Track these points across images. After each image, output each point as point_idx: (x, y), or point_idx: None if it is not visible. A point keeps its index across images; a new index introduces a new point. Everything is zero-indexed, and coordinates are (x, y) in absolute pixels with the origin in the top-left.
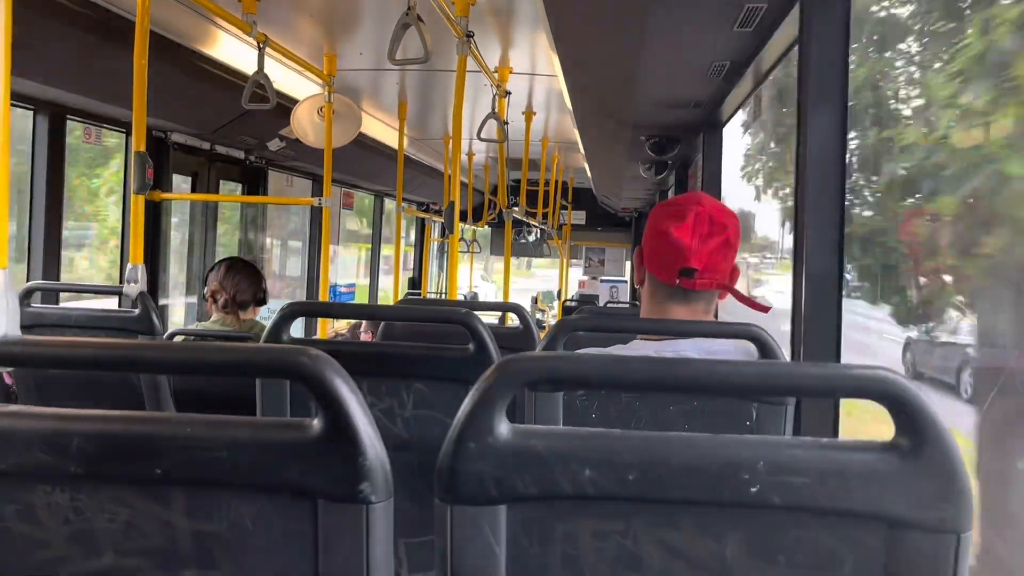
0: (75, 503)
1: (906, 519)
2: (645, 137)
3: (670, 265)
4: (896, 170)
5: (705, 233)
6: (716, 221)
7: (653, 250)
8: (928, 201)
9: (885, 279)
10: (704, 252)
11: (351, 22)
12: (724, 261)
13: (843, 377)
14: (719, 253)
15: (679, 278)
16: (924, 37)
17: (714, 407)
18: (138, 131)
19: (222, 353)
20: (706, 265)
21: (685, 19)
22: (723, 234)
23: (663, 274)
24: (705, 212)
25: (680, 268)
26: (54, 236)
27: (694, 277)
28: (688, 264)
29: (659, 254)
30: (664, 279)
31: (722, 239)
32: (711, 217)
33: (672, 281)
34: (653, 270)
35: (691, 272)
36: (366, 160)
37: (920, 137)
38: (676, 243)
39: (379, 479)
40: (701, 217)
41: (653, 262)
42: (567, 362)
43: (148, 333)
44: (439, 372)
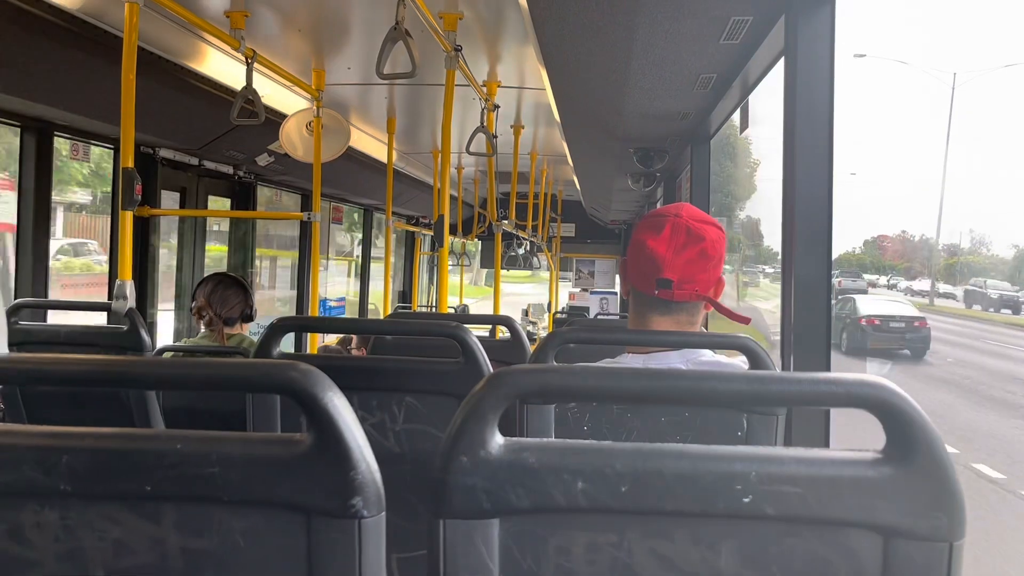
0: (65, 521)
1: (899, 528)
2: (633, 149)
3: (647, 276)
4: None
5: (681, 244)
6: (693, 232)
7: (632, 261)
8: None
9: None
10: (679, 263)
11: (339, 37)
12: (702, 272)
13: (833, 387)
14: (696, 264)
15: (657, 289)
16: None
17: (705, 418)
18: (126, 147)
19: (212, 369)
20: (682, 276)
21: (672, 32)
22: (699, 244)
23: (642, 285)
24: (682, 223)
25: (656, 279)
26: (42, 252)
27: (671, 288)
28: (662, 275)
29: (637, 265)
30: (643, 290)
31: (698, 249)
32: (688, 228)
33: (650, 292)
34: (633, 281)
35: (667, 283)
36: (355, 174)
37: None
38: (651, 254)
39: (371, 493)
40: (678, 228)
41: (633, 273)
42: (558, 375)
43: (137, 349)
44: (430, 385)
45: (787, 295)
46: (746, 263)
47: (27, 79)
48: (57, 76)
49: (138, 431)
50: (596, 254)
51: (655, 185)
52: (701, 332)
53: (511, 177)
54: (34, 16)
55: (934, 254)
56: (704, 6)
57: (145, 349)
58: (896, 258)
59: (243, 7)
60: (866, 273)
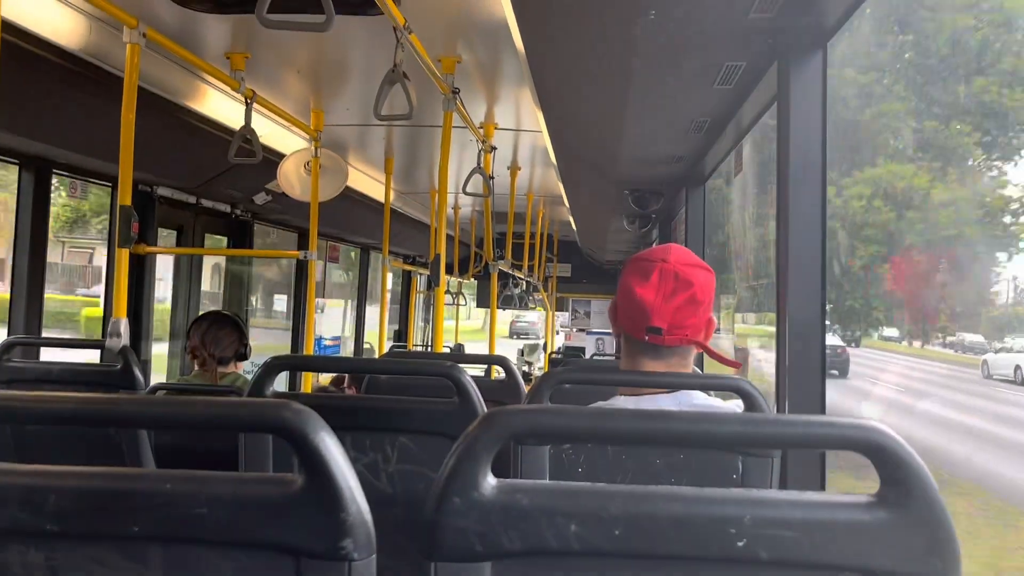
0: (50, 562)
1: (894, 573)
2: (628, 191)
3: (636, 322)
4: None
5: (669, 291)
6: (681, 278)
7: (622, 306)
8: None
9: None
10: (668, 311)
11: (338, 78)
12: (692, 316)
13: (828, 429)
14: (685, 309)
15: (647, 335)
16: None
17: (700, 459)
18: (124, 185)
19: (204, 408)
20: (671, 323)
21: (666, 78)
22: (688, 291)
23: (632, 330)
24: (670, 269)
25: (645, 327)
26: (36, 290)
27: (661, 334)
28: (651, 323)
29: (626, 311)
30: (633, 335)
31: (687, 296)
32: (676, 274)
33: (641, 337)
34: (623, 325)
35: (657, 330)
36: (352, 213)
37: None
38: (640, 301)
39: (362, 535)
40: (666, 275)
41: (623, 318)
42: (552, 415)
43: (130, 388)
44: (424, 426)
45: (781, 337)
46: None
47: (26, 117)
48: (57, 114)
49: (127, 470)
50: (592, 294)
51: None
52: (696, 373)
53: (508, 217)
54: (35, 55)
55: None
56: (698, 52)
57: (138, 387)
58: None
59: (244, 49)
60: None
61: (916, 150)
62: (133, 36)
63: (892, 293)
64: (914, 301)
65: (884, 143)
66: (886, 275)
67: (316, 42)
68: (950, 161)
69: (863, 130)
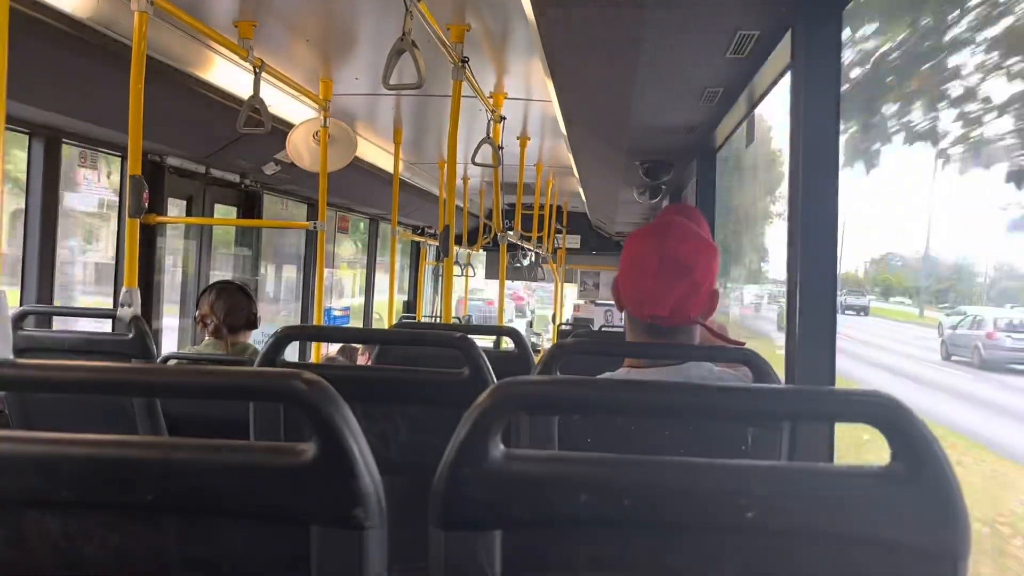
0: (66, 529)
1: (903, 544)
2: (639, 162)
3: (639, 308)
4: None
5: (670, 279)
6: (682, 263)
7: (624, 289)
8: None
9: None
10: (669, 300)
11: (347, 47)
12: (694, 298)
13: (838, 401)
14: (686, 295)
15: (649, 317)
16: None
17: (709, 431)
18: (134, 155)
19: (216, 377)
20: (673, 309)
21: (678, 47)
22: (690, 276)
23: (635, 311)
24: (670, 255)
25: (648, 314)
26: (48, 259)
27: (664, 319)
28: (654, 311)
29: (629, 294)
30: (637, 316)
31: (689, 282)
32: (676, 259)
33: (644, 319)
34: (627, 305)
35: (659, 316)
36: (361, 184)
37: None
38: (641, 290)
39: (373, 504)
40: (665, 261)
41: (626, 299)
42: (562, 387)
43: (142, 356)
44: (434, 396)
45: (792, 307)
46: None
47: (36, 86)
48: (66, 84)
49: (140, 439)
50: (601, 266)
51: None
52: (705, 345)
53: (516, 188)
54: (43, 24)
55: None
56: (710, 20)
57: (150, 357)
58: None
59: (252, 17)
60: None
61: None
62: (141, 4)
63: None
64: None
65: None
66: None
67: (325, 10)
68: None
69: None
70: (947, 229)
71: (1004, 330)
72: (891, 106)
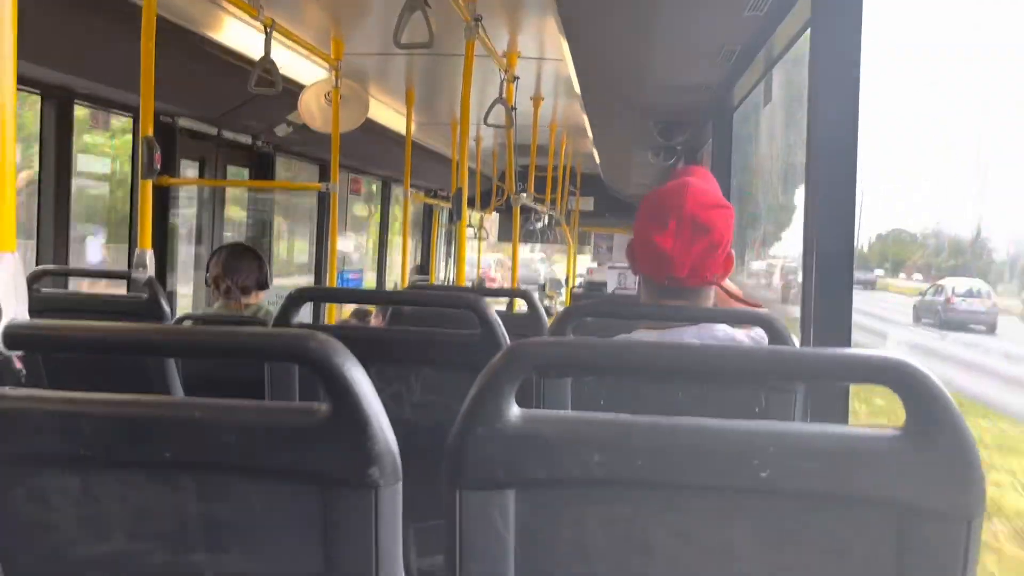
0: (84, 487)
1: (917, 505)
2: (654, 122)
3: (656, 270)
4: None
5: (688, 239)
6: (699, 223)
7: (639, 251)
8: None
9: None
10: (688, 259)
11: (358, 6)
12: (711, 259)
13: (854, 362)
14: (705, 255)
15: (666, 279)
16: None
17: (723, 393)
18: (145, 116)
19: (231, 337)
20: (691, 270)
21: (695, 3)
22: (708, 236)
23: (651, 274)
24: (688, 215)
25: (666, 275)
26: (62, 220)
27: (681, 280)
28: (672, 272)
29: (644, 257)
30: (653, 278)
31: (707, 241)
32: (693, 219)
33: (661, 281)
34: (642, 268)
35: (677, 279)
36: (374, 145)
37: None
38: (659, 251)
39: (387, 463)
40: (684, 222)
41: (642, 262)
42: (576, 347)
43: (157, 318)
44: (447, 357)
45: (809, 270)
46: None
47: (47, 46)
48: (77, 44)
49: (157, 398)
50: (615, 228)
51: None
52: (720, 308)
53: (530, 150)
54: None
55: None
56: None
57: (165, 318)
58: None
59: None
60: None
61: None
62: None
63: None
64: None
65: None
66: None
67: None
68: None
69: None
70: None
71: (960, 296)
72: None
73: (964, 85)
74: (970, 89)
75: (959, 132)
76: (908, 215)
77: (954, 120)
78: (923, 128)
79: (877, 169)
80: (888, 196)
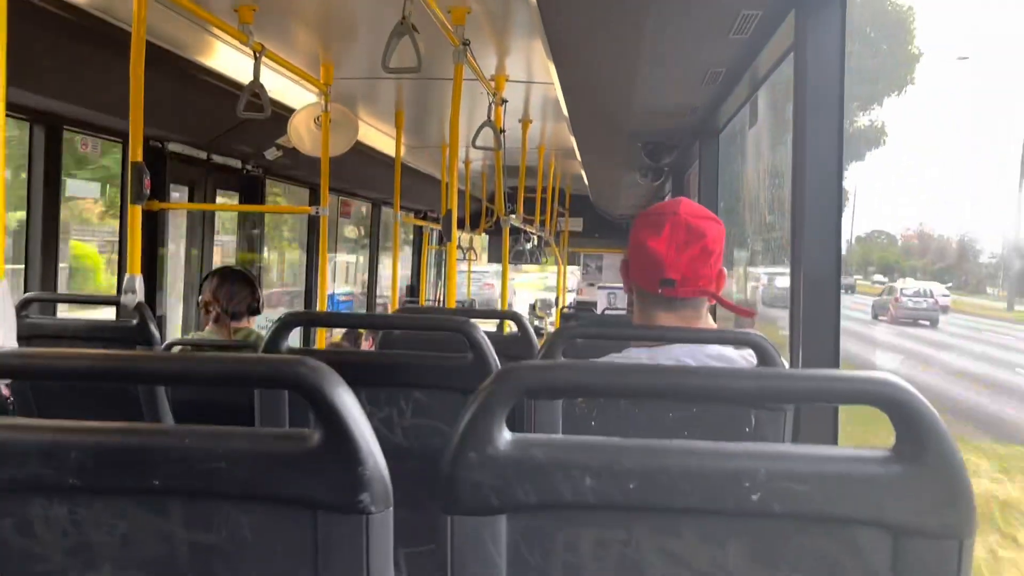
0: (73, 516)
1: (909, 526)
2: (641, 144)
3: (650, 275)
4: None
5: (682, 242)
6: (693, 229)
7: (634, 261)
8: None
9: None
10: (682, 262)
11: (347, 31)
12: (704, 267)
13: (843, 383)
14: (698, 261)
15: (660, 287)
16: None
17: (713, 414)
18: (135, 141)
19: (220, 363)
20: (685, 274)
21: (681, 27)
22: (701, 241)
23: (645, 284)
24: (681, 221)
25: (659, 279)
26: (51, 246)
27: (675, 287)
28: (666, 275)
29: (639, 265)
30: (647, 288)
31: (700, 247)
32: (687, 225)
33: (654, 290)
34: (636, 280)
35: (671, 283)
36: (363, 168)
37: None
38: (653, 254)
39: (379, 489)
40: (677, 226)
41: (635, 273)
42: (567, 371)
43: (146, 343)
44: (438, 381)
45: (796, 290)
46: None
47: (36, 73)
48: (66, 70)
49: (145, 426)
50: (604, 248)
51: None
52: (709, 328)
53: (519, 171)
54: (43, 10)
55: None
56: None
57: (154, 343)
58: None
59: (251, 1)
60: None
61: None
62: None
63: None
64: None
65: None
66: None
67: None
68: None
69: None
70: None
71: (907, 296)
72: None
73: (954, 85)
74: (958, 90)
75: (943, 133)
76: (889, 217)
77: (937, 121)
78: (907, 128)
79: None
80: (872, 198)
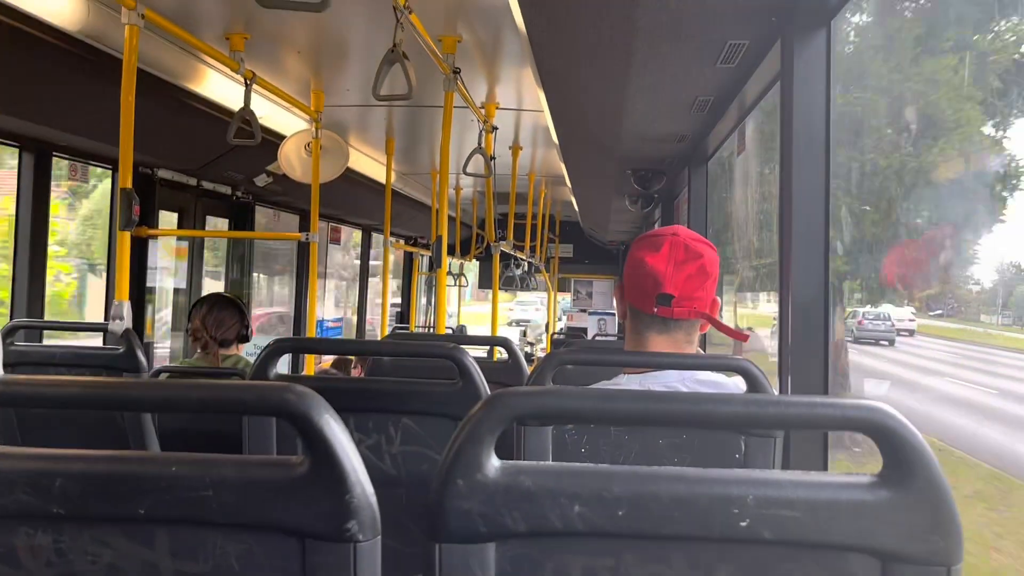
0: (57, 545)
1: (896, 552)
2: (631, 171)
3: (647, 293)
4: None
5: (680, 259)
6: (691, 249)
7: (631, 280)
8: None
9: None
10: (679, 279)
11: (338, 59)
12: (701, 289)
13: (831, 410)
14: (695, 280)
15: (656, 306)
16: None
17: (703, 440)
18: (124, 168)
19: (208, 391)
20: (682, 292)
21: (669, 56)
22: (698, 261)
23: (641, 303)
24: (680, 241)
25: (656, 295)
26: (38, 273)
27: (671, 304)
28: (663, 290)
29: (636, 283)
30: (642, 308)
31: (697, 266)
32: (686, 245)
33: (650, 310)
34: (631, 300)
35: (667, 299)
36: (354, 194)
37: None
38: (651, 270)
39: (366, 517)
40: (676, 245)
41: (631, 292)
42: (556, 397)
43: (133, 371)
44: (427, 407)
45: (784, 317)
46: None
47: (26, 100)
48: (56, 97)
49: (132, 454)
50: (594, 275)
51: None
52: (699, 354)
53: (509, 198)
54: (34, 37)
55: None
56: (700, 30)
57: (141, 370)
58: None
59: (243, 29)
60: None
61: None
62: (132, 17)
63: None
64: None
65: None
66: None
67: (316, 22)
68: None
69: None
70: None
71: (869, 319)
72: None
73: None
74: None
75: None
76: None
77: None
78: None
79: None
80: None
